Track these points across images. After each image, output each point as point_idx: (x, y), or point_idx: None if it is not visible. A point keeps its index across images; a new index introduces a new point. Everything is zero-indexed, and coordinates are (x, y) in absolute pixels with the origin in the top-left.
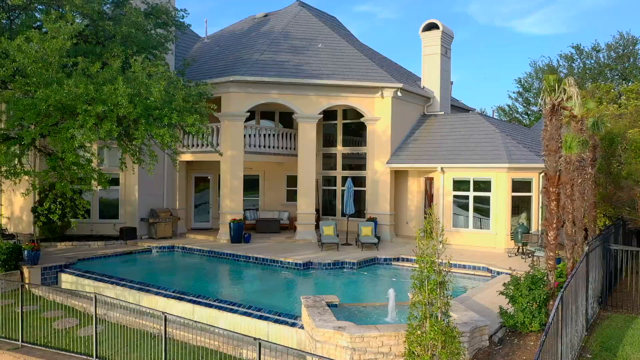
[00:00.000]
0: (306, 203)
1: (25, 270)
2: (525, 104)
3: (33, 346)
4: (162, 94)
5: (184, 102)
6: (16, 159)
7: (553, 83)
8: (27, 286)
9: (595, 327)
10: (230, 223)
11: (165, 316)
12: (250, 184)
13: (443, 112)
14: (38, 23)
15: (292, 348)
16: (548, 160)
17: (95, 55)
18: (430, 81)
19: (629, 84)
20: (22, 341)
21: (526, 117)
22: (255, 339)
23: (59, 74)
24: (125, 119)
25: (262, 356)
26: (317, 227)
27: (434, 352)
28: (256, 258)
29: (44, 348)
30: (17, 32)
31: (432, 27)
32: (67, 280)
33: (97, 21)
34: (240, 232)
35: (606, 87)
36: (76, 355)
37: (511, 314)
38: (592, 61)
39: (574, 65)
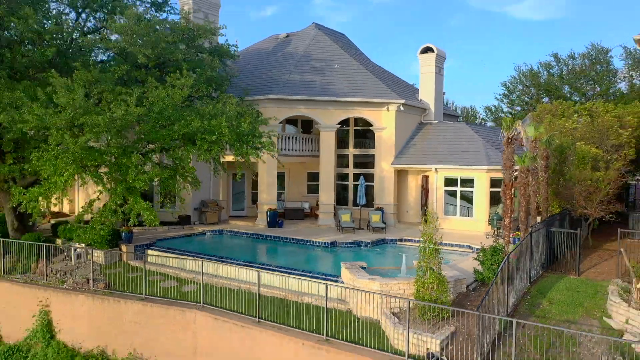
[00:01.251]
0: (326, 196)
1: (123, 247)
2: (509, 105)
3: (154, 297)
4: (250, 126)
5: (249, 125)
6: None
7: (509, 123)
8: (125, 258)
9: (537, 281)
10: (267, 211)
11: (259, 273)
12: (278, 180)
13: (437, 121)
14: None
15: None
16: (505, 173)
17: (208, 98)
18: (426, 94)
19: (601, 88)
20: (145, 295)
21: (510, 116)
22: (324, 282)
23: (184, 112)
24: (225, 143)
25: (315, 299)
26: (334, 214)
27: (432, 291)
28: (292, 239)
29: (161, 298)
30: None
31: (428, 50)
32: (152, 254)
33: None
34: (275, 218)
35: (567, 104)
36: (187, 302)
37: (480, 272)
38: (568, 68)
39: (552, 71)
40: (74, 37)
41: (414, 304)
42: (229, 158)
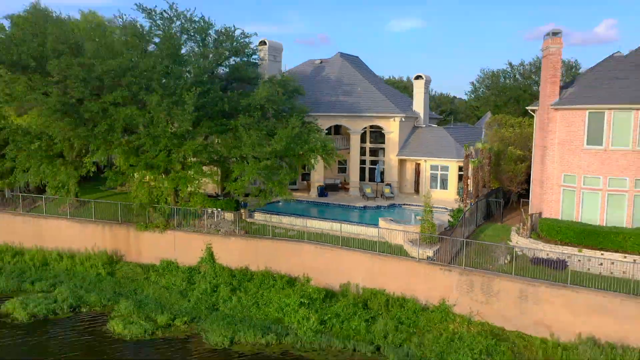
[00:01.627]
0: (354, 176)
1: (242, 211)
2: (475, 100)
3: (276, 237)
4: (320, 142)
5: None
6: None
7: (467, 147)
8: (244, 217)
9: (480, 226)
10: (317, 186)
11: (341, 225)
12: None
13: (425, 125)
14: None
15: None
16: (465, 171)
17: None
18: (417, 107)
19: None
20: (271, 236)
21: (477, 109)
22: (375, 227)
23: (297, 139)
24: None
25: (366, 237)
26: (359, 188)
27: (428, 230)
28: (339, 204)
29: (280, 238)
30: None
31: (419, 77)
32: (257, 215)
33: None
34: (323, 191)
35: (507, 117)
36: (295, 239)
37: (451, 221)
38: (520, 73)
39: (507, 76)
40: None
41: (420, 236)
42: None
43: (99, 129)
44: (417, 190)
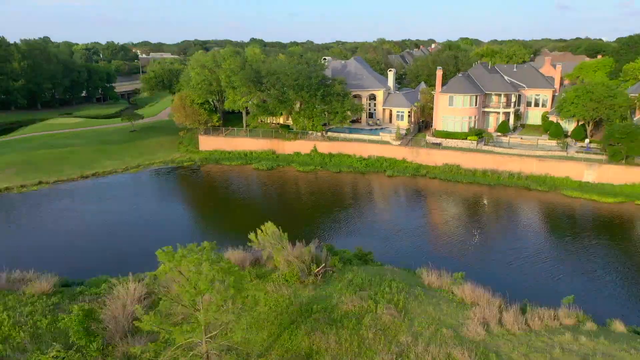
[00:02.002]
0: (364, 116)
1: (324, 132)
2: (416, 69)
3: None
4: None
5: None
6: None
7: (412, 106)
8: (325, 134)
9: (416, 134)
10: (349, 120)
11: (364, 136)
12: None
13: (393, 92)
14: None
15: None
16: (411, 113)
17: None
18: (390, 83)
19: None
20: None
21: (418, 76)
22: (379, 135)
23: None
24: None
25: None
26: (367, 122)
27: (397, 134)
28: (360, 128)
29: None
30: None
31: (390, 70)
32: (330, 133)
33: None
34: (351, 122)
35: (428, 89)
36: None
37: (406, 132)
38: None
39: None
40: None
41: (395, 136)
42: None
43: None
44: (391, 121)
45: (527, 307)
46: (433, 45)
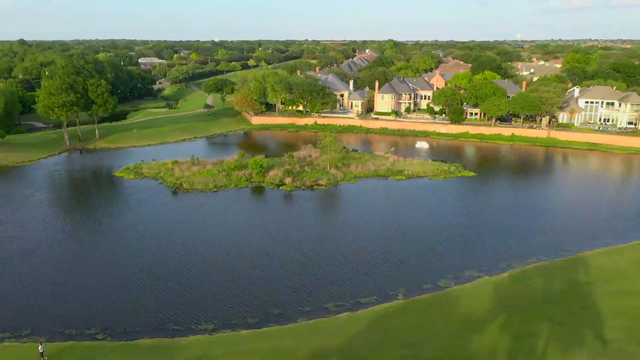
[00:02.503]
0: (337, 106)
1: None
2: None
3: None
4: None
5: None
6: None
7: (362, 102)
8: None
9: (366, 114)
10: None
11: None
12: None
13: (351, 92)
14: None
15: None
16: (362, 104)
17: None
18: (350, 87)
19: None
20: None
21: (363, 81)
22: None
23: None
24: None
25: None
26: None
27: (356, 114)
28: (334, 112)
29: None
30: None
31: (349, 81)
32: (315, 114)
33: None
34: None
35: (371, 91)
36: None
37: (360, 113)
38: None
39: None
40: None
41: (356, 115)
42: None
43: (300, 100)
44: (352, 108)
45: None
46: (367, 51)
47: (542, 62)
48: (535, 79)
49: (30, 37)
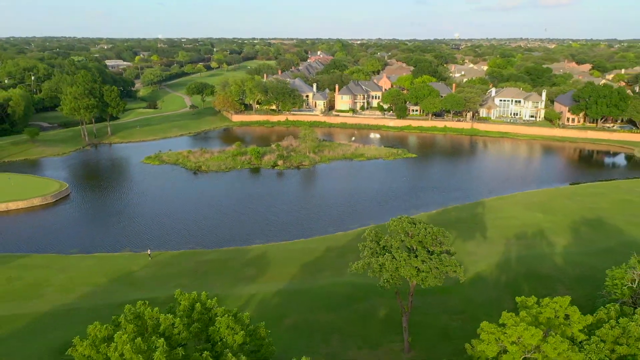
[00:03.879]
0: (305, 105)
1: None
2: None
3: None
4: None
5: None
6: None
7: (325, 102)
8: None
9: (327, 112)
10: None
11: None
12: None
13: (314, 94)
14: None
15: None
16: (324, 103)
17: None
18: (314, 89)
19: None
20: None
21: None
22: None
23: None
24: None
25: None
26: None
27: (320, 111)
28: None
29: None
30: None
31: (313, 85)
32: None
33: None
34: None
35: (331, 92)
36: None
37: (323, 110)
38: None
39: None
40: None
41: (320, 112)
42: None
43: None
44: (315, 107)
45: None
46: (319, 53)
47: (471, 65)
48: (465, 80)
49: None
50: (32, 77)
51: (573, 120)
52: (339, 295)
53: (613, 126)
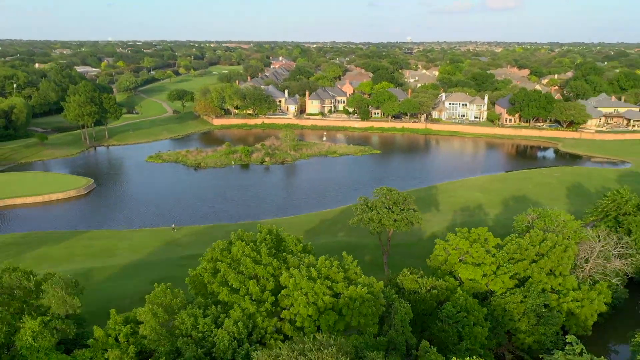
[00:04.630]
0: (281, 109)
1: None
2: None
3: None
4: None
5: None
6: None
7: (298, 106)
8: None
9: (299, 116)
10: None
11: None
12: None
13: (286, 99)
14: None
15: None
16: (299, 107)
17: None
18: (286, 95)
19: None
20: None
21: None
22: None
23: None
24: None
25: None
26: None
27: (292, 114)
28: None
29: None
30: None
31: (284, 91)
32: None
33: None
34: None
35: (303, 98)
36: None
37: (296, 114)
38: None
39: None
40: None
41: (295, 114)
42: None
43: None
44: (288, 110)
45: None
46: (280, 58)
47: (424, 71)
48: (419, 85)
49: None
50: (14, 85)
51: (510, 120)
52: (335, 249)
53: (543, 125)
